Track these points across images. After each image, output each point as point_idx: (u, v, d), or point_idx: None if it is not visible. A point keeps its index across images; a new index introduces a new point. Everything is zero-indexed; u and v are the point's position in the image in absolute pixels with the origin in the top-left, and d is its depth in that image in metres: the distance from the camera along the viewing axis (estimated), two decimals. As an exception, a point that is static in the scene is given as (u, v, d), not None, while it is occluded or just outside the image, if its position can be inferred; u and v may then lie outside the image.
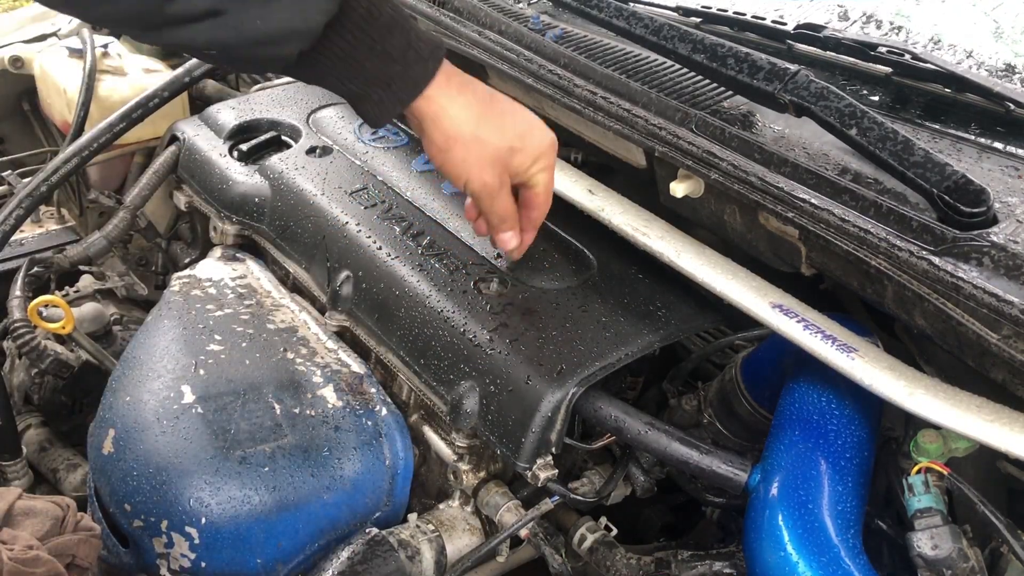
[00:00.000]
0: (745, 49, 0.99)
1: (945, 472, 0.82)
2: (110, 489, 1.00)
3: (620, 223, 1.06)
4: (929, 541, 0.79)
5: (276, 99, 1.48)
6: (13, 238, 1.45)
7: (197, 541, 0.95)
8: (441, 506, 1.10)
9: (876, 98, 1.14)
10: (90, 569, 0.90)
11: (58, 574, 0.83)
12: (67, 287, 1.48)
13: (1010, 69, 1.16)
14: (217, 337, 1.11)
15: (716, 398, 1.05)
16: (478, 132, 0.92)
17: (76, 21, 1.76)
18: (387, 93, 0.88)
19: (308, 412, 1.04)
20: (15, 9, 3.64)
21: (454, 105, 0.91)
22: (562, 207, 1.15)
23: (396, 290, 1.10)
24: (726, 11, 1.32)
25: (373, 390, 1.09)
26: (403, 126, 1.41)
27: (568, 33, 1.22)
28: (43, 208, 1.69)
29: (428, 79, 0.89)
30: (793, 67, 0.95)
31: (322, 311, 1.20)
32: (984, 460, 0.88)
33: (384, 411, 1.07)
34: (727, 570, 0.96)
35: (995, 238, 0.78)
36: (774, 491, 0.85)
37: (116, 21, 1.02)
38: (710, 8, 1.34)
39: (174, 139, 1.46)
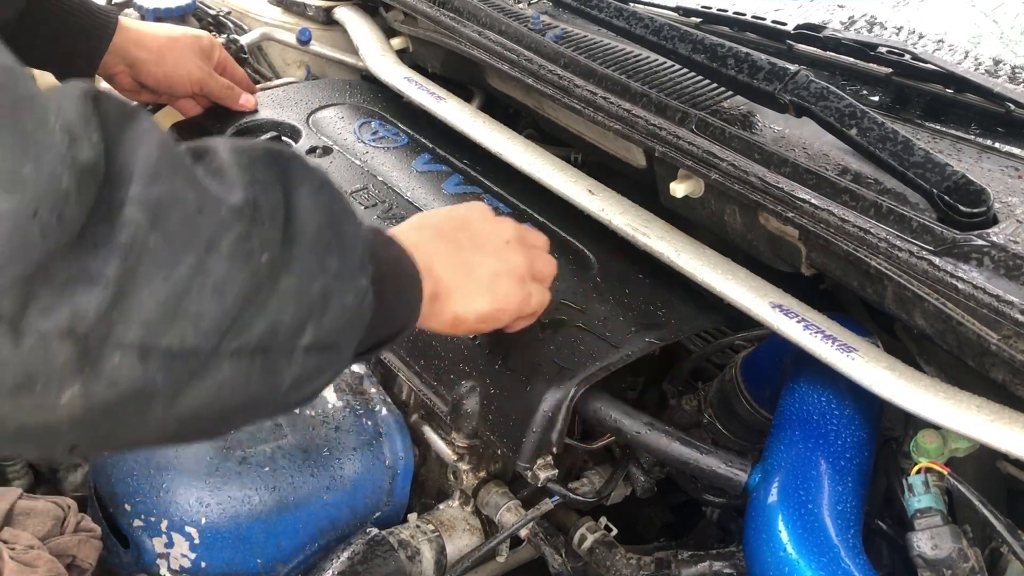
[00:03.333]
0: (745, 49, 0.99)
1: (945, 472, 0.82)
2: (110, 489, 1.00)
3: (620, 223, 1.06)
4: (929, 541, 0.78)
5: (276, 99, 1.48)
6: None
7: (197, 541, 0.95)
8: (441, 506, 1.10)
9: (876, 98, 1.14)
10: (90, 569, 0.90)
11: (59, 574, 0.83)
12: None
13: (1009, 67, 1.16)
14: (217, 337, 1.11)
15: (716, 398, 1.05)
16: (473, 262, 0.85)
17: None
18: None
19: (308, 412, 1.03)
20: (15, 9, 3.62)
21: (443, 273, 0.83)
22: (562, 207, 1.15)
23: (396, 290, 1.10)
24: (726, 11, 1.32)
25: (373, 390, 1.09)
26: (404, 127, 1.41)
27: (568, 33, 1.22)
28: (43, 208, 1.68)
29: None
30: (793, 67, 0.95)
31: (322, 311, 1.20)
32: (984, 460, 0.88)
33: (384, 411, 1.07)
34: (727, 570, 0.95)
35: (995, 238, 0.78)
36: (774, 491, 0.85)
37: None
38: (710, 8, 1.34)
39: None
